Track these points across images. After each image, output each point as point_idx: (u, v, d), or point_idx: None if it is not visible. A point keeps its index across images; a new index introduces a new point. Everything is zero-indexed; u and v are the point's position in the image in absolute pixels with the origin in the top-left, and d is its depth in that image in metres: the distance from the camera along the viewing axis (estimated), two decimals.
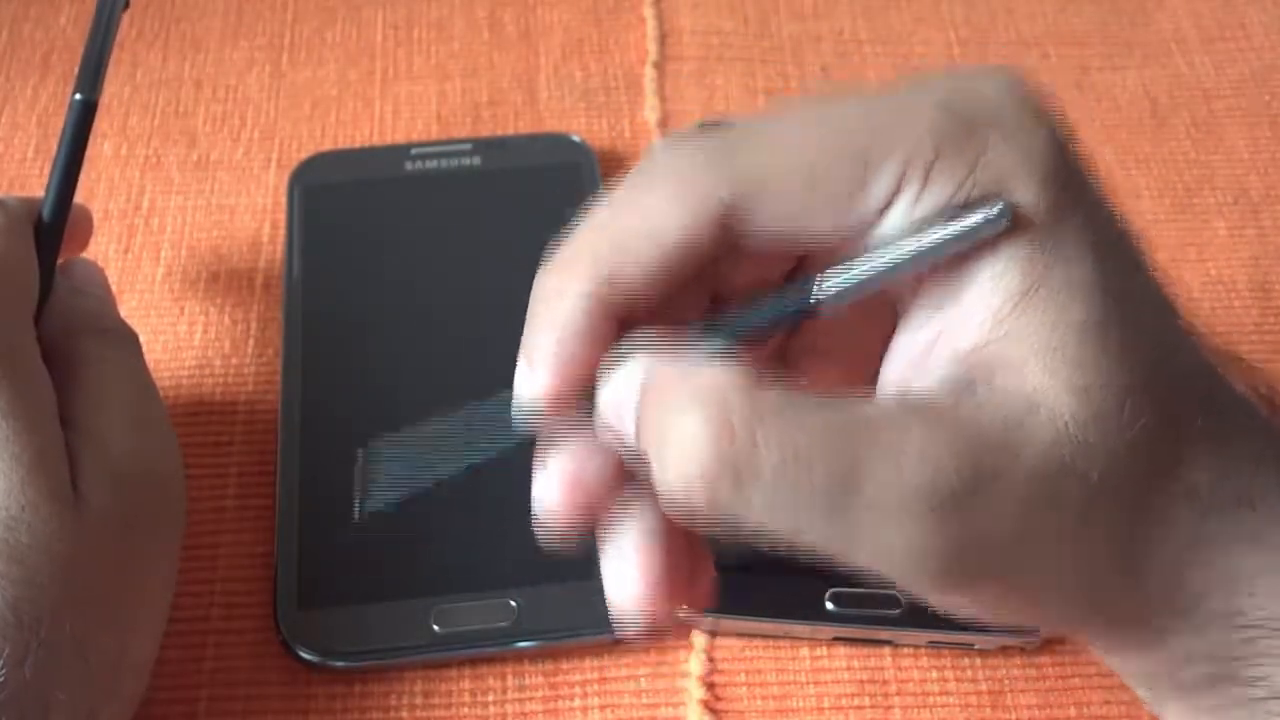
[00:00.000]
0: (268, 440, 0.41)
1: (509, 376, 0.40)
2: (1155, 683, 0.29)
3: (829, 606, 0.37)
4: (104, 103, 0.37)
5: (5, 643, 0.29)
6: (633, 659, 0.37)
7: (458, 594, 0.37)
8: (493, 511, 0.39)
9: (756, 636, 0.37)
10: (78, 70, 0.37)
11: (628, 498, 0.28)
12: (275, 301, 0.44)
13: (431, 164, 0.47)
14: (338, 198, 0.46)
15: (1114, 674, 0.36)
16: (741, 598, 0.37)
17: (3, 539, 0.29)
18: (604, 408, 0.27)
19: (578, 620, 0.37)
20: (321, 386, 0.41)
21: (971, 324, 0.25)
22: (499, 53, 0.52)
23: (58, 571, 0.30)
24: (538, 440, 0.28)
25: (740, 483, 0.24)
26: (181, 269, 0.46)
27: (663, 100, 0.51)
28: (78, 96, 0.36)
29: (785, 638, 0.37)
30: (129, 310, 0.43)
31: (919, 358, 0.27)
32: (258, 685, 0.36)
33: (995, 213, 0.25)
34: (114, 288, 0.38)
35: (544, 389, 0.27)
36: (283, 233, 0.46)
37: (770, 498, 0.24)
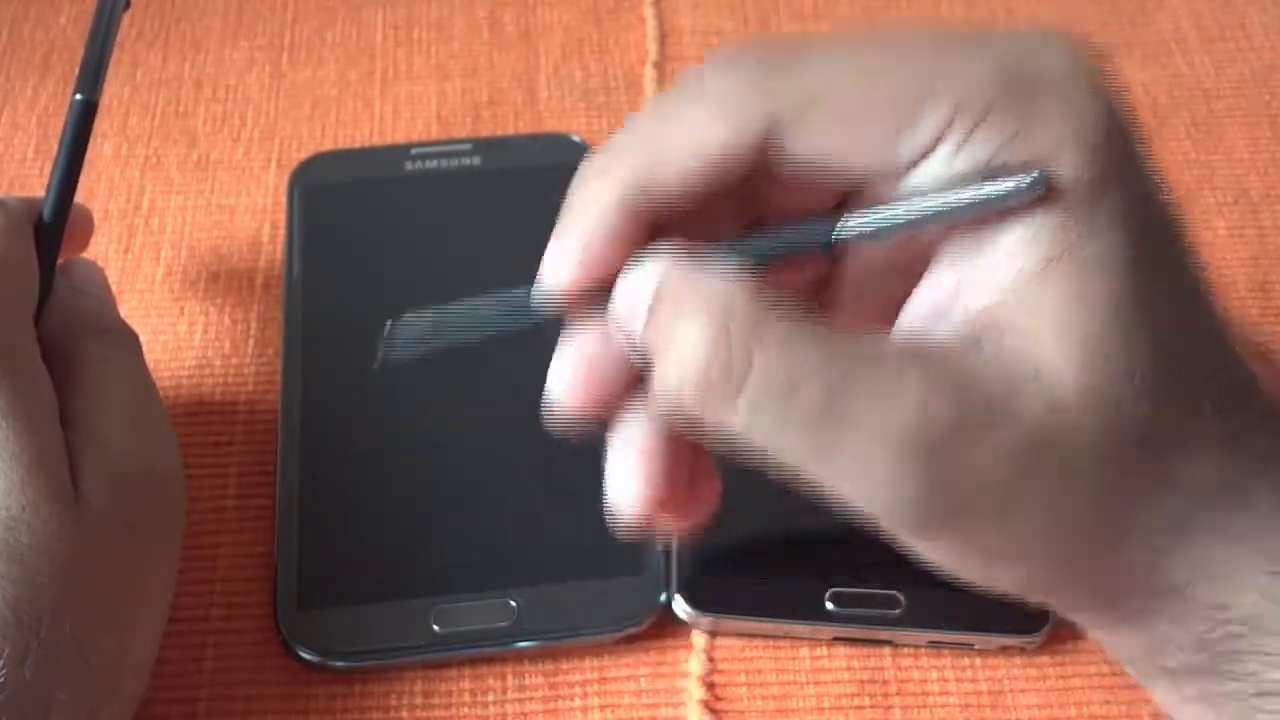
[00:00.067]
0: (268, 440, 0.41)
1: (508, 375, 0.41)
2: (1140, 664, 0.29)
3: (829, 606, 0.37)
4: (104, 103, 0.37)
5: (5, 643, 0.29)
6: (633, 659, 0.37)
7: (458, 594, 0.37)
8: (493, 511, 0.39)
9: (756, 636, 0.37)
10: (78, 70, 0.37)
11: (638, 399, 0.28)
12: (275, 301, 0.44)
13: (431, 164, 0.47)
14: (338, 198, 0.46)
15: (1114, 674, 0.36)
16: (741, 598, 0.37)
17: (3, 539, 0.29)
18: (618, 305, 0.27)
19: (578, 620, 0.37)
20: (321, 386, 0.41)
21: (992, 282, 0.25)
22: (499, 53, 0.52)
23: (58, 571, 0.30)
24: (557, 330, 0.28)
25: (731, 390, 0.25)
26: (181, 269, 0.46)
27: None
28: (78, 96, 0.36)
29: (785, 638, 0.37)
30: (129, 310, 0.43)
31: (936, 308, 0.27)
32: (258, 685, 0.36)
33: (1029, 182, 0.24)
34: (114, 288, 0.38)
35: (568, 281, 0.27)
36: (283, 233, 0.46)
37: (757, 410, 0.25)
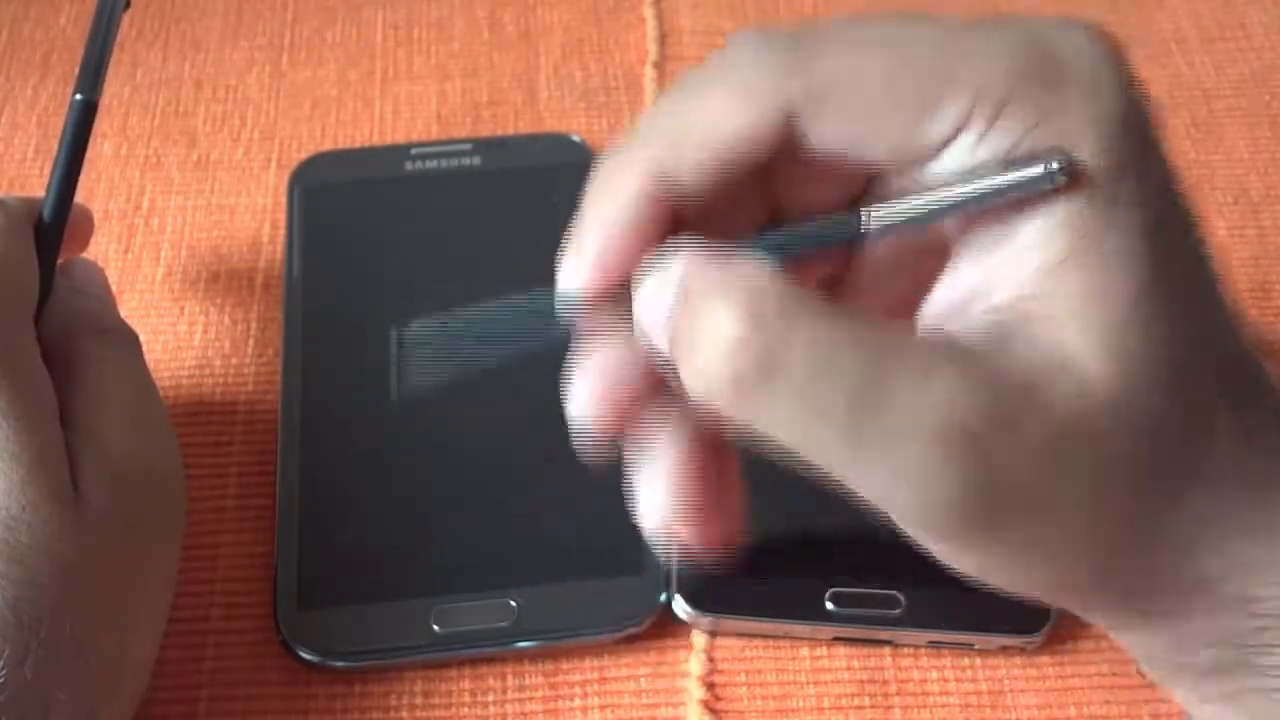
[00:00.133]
0: (268, 440, 0.41)
1: (508, 375, 0.41)
2: (1164, 664, 0.28)
3: (829, 606, 0.37)
4: (104, 103, 0.37)
5: (5, 643, 0.29)
6: (633, 659, 0.37)
7: (458, 594, 0.37)
8: (493, 511, 0.39)
9: (756, 636, 0.37)
10: (78, 70, 0.37)
11: (661, 411, 0.27)
12: (275, 301, 0.44)
13: (431, 164, 0.47)
14: (338, 198, 0.46)
15: (1114, 674, 0.36)
16: (741, 598, 0.37)
17: (3, 539, 0.29)
18: (641, 305, 0.26)
19: (578, 620, 0.37)
20: (321, 386, 0.41)
21: (1016, 274, 0.25)
22: (499, 53, 0.52)
23: (58, 571, 0.30)
24: (576, 337, 0.27)
25: (764, 380, 0.24)
26: (181, 269, 0.46)
27: None
28: (78, 96, 0.36)
29: (785, 638, 0.37)
30: (129, 310, 0.43)
31: (960, 300, 0.26)
32: (258, 685, 0.36)
33: (1055, 168, 0.24)
34: (114, 288, 0.38)
35: (589, 279, 0.27)
36: (283, 233, 0.46)
37: (791, 401, 0.24)
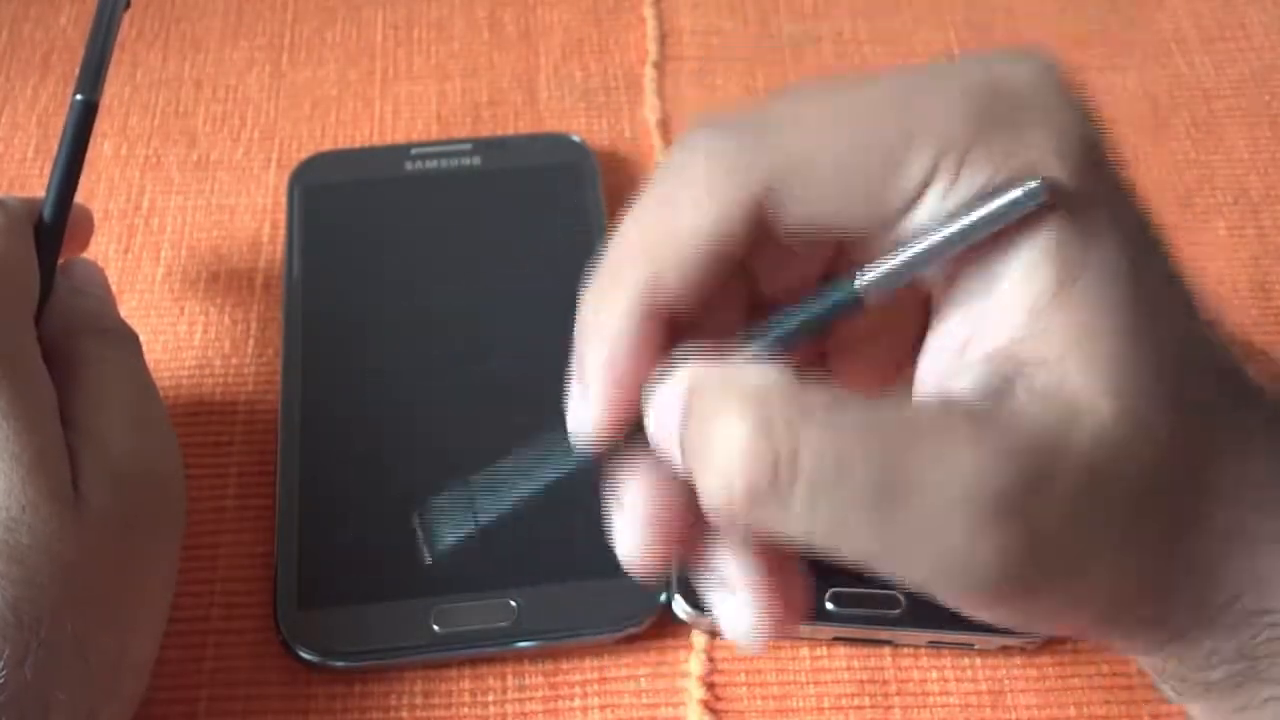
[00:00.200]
0: (268, 440, 0.41)
1: (508, 376, 0.41)
2: (1182, 682, 0.28)
3: (829, 606, 0.37)
4: (104, 103, 0.37)
5: (5, 643, 0.29)
6: (633, 659, 0.37)
7: (458, 594, 0.37)
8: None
9: None
10: (78, 70, 0.37)
11: (714, 530, 0.27)
12: (275, 301, 0.44)
13: (431, 164, 0.47)
14: (338, 198, 0.46)
15: (1114, 674, 0.36)
16: None
17: (3, 539, 0.29)
18: (653, 422, 0.26)
19: (578, 620, 0.37)
20: (321, 386, 0.41)
21: (1006, 319, 0.25)
22: (499, 53, 0.52)
23: (58, 571, 0.30)
24: (601, 470, 0.27)
25: (781, 486, 0.24)
26: (181, 269, 0.46)
27: (663, 100, 0.51)
28: (78, 97, 0.36)
29: (785, 638, 0.37)
30: (129, 310, 0.43)
31: (954, 354, 0.26)
32: (258, 685, 0.36)
33: (1035, 187, 0.24)
34: (114, 288, 0.38)
35: (600, 408, 0.26)
36: (283, 233, 0.46)
37: (813, 502, 0.24)
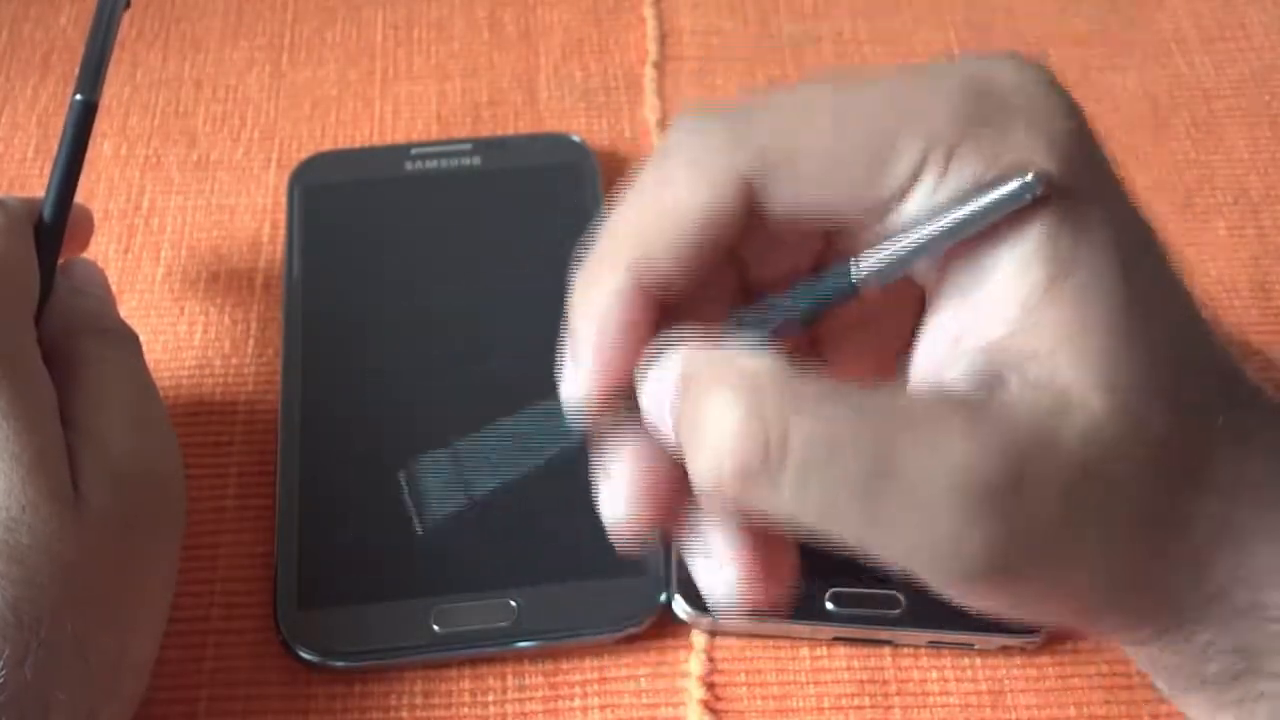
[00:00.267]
0: (268, 440, 0.41)
1: (508, 376, 0.41)
2: (1177, 676, 0.28)
3: (829, 606, 0.37)
4: (104, 103, 0.37)
5: (5, 643, 0.29)
6: (633, 659, 0.37)
7: (458, 594, 0.37)
8: (493, 511, 0.39)
9: (756, 636, 0.37)
10: (78, 70, 0.37)
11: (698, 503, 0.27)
12: (275, 301, 0.44)
13: (431, 164, 0.47)
14: (338, 198, 0.46)
15: (1114, 674, 0.36)
16: None
17: (3, 539, 0.29)
18: (646, 403, 0.26)
19: (578, 620, 0.37)
20: (321, 386, 0.41)
21: (999, 313, 0.25)
22: (499, 53, 0.52)
23: (58, 571, 0.30)
24: (591, 442, 0.27)
25: (772, 467, 0.24)
26: (181, 269, 0.46)
27: (663, 100, 0.51)
28: (78, 97, 0.36)
29: (785, 638, 0.37)
30: (129, 310, 0.43)
31: (948, 345, 0.26)
32: (258, 685, 0.36)
33: (1031, 179, 0.24)
34: (114, 288, 0.38)
35: (591, 382, 0.27)
36: (283, 233, 0.46)
37: (803, 484, 0.24)
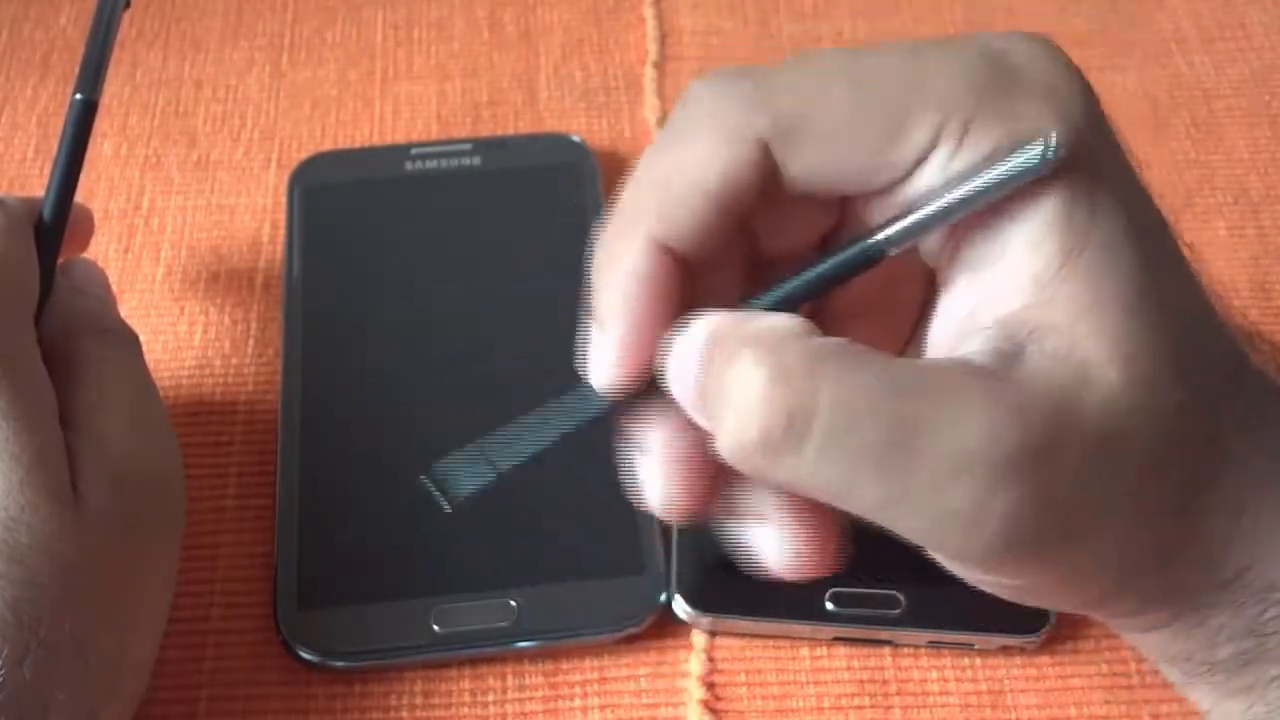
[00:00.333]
0: (268, 440, 0.41)
1: (508, 376, 0.41)
2: (1187, 663, 0.28)
3: (829, 606, 0.37)
4: (104, 103, 0.37)
5: (5, 643, 0.29)
6: (633, 659, 0.37)
7: (458, 594, 0.37)
8: (493, 511, 0.39)
9: (756, 636, 0.37)
10: (78, 70, 0.37)
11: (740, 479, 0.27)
12: (275, 301, 0.44)
13: (431, 164, 0.47)
14: (338, 198, 0.46)
15: (1114, 674, 0.36)
16: (741, 598, 0.37)
17: (2, 539, 0.29)
18: (670, 370, 0.26)
19: (578, 620, 0.37)
20: (321, 386, 0.41)
21: (1013, 287, 0.25)
22: (499, 53, 0.52)
23: (57, 571, 0.30)
24: (619, 412, 0.27)
25: (796, 433, 0.24)
26: (181, 269, 0.46)
27: (663, 100, 0.51)
28: (78, 96, 0.36)
29: (785, 638, 0.37)
30: (129, 310, 0.43)
31: (962, 322, 0.27)
32: (258, 685, 0.36)
33: (1052, 145, 0.24)
34: (114, 288, 0.38)
35: (618, 349, 0.26)
36: (283, 233, 0.46)
37: (826, 452, 0.24)
